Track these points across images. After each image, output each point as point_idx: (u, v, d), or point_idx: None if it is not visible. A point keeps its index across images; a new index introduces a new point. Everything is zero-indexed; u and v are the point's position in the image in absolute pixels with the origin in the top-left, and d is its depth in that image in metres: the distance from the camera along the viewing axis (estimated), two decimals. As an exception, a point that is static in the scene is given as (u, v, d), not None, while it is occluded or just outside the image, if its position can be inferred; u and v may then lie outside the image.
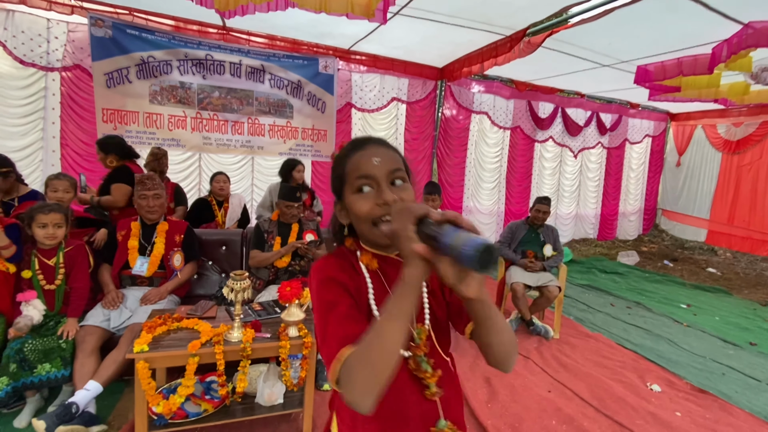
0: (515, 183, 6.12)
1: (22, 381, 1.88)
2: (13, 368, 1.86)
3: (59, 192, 2.44)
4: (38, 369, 1.90)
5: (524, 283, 3.25)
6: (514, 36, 3.92)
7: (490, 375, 2.66)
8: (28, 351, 1.90)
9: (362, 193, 0.74)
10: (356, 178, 0.74)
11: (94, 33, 3.69)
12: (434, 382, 0.76)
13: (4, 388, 1.84)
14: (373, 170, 0.73)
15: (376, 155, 0.74)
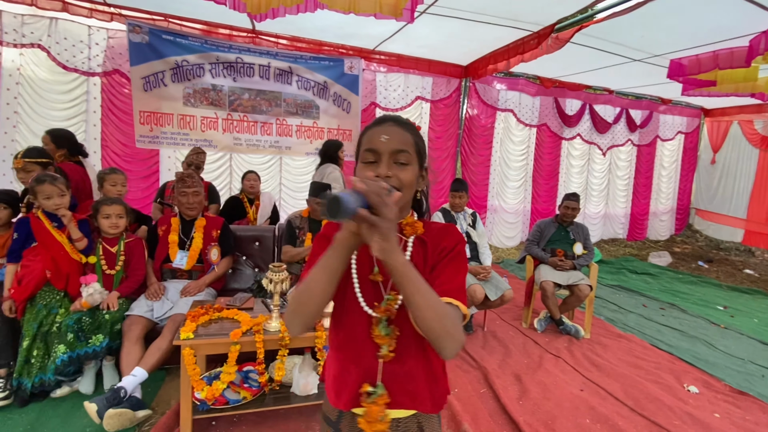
0: (542, 181, 6.02)
1: (77, 351, 2.03)
2: (70, 338, 2.01)
3: (117, 185, 2.61)
4: (93, 339, 2.07)
5: (554, 281, 3.20)
6: (542, 32, 3.88)
7: (520, 372, 2.64)
8: (85, 322, 2.07)
9: (366, 164, 0.82)
10: (364, 151, 0.82)
11: (132, 39, 3.86)
12: (386, 343, 0.81)
13: (61, 356, 1.98)
14: (380, 146, 0.80)
15: (386, 133, 0.81)
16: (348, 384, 0.83)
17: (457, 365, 2.69)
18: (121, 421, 1.78)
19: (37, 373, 1.98)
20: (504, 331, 3.32)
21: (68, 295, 2.14)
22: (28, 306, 2.04)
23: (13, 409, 2.00)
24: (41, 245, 2.07)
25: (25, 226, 2.09)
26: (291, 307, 0.77)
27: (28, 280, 2.04)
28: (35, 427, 1.89)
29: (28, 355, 1.98)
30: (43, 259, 2.07)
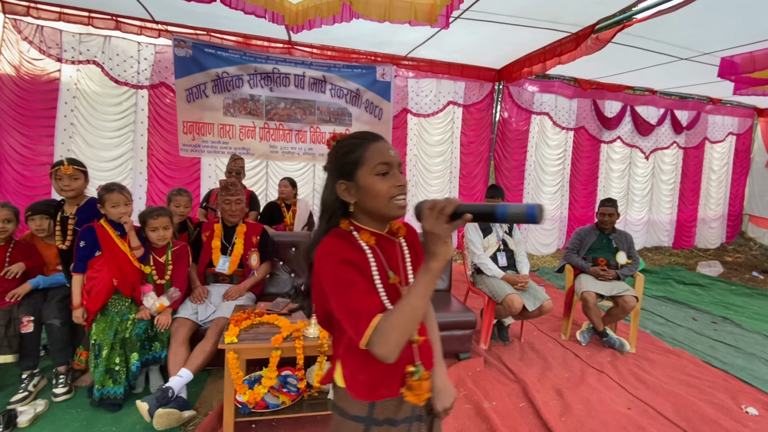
0: (580, 187, 5.81)
1: (146, 357, 2.19)
2: (139, 346, 2.16)
3: (181, 207, 2.76)
4: (154, 346, 2.21)
5: (596, 292, 3.07)
6: (581, 33, 3.76)
7: (562, 387, 2.53)
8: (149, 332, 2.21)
9: (382, 176, 0.89)
10: (379, 164, 0.88)
11: (177, 53, 4.07)
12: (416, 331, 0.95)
13: (135, 363, 2.13)
14: (392, 159, 0.90)
15: (391, 149, 0.92)
16: (387, 376, 0.91)
17: (494, 377, 2.62)
18: (169, 420, 1.86)
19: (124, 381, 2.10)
20: (542, 342, 3.21)
21: (135, 302, 2.25)
22: (98, 316, 2.15)
23: (71, 405, 2.13)
24: (107, 254, 2.17)
25: (90, 235, 2.18)
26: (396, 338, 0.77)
27: (98, 290, 2.14)
28: (91, 422, 2.00)
29: (109, 364, 2.07)
30: (109, 268, 2.17)
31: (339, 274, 0.84)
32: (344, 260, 0.85)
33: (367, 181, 0.88)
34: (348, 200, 0.91)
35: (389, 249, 0.95)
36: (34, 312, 2.20)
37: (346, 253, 0.86)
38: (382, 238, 0.95)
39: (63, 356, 2.23)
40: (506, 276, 2.94)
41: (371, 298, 0.83)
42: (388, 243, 0.95)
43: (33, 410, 2.01)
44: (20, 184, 3.87)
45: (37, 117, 3.90)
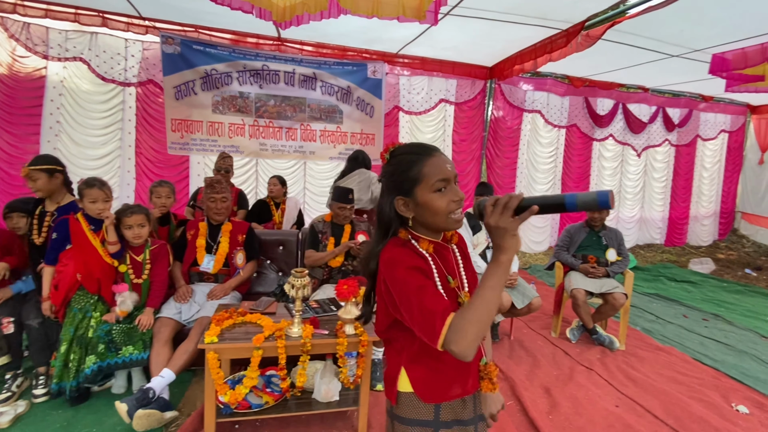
0: (572, 184, 5.81)
1: (107, 362, 2.07)
2: (101, 348, 2.06)
3: (162, 198, 2.70)
4: (123, 351, 2.10)
5: (585, 289, 3.06)
6: (571, 29, 3.74)
7: (550, 385, 2.52)
8: (116, 334, 2.11)
9: (440, 192, 0.91)
10: (437, 180, 0.90)
11: (165, 50, 4.02)
12: None
13: (91, 366, 2.04)
14: (449, 174, 0.92)
15: (448, 163, 0.93)
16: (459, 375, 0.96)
17: (483, 375, 2.61)
18: (149, 421, 1.83)
19: (74, 377, 2.04)
20: (532, 340, 3.20)
21: (102, 299, 2.20)
22: (66, 311, 2.12)
23: (52, 406, 2.10)
24: (75, 247, 2.14)
25: (63, 228, 2.16)
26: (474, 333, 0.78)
27: (62, 284, 2.12)
28: (72, 423, 1.97)
29: (66, 359, 2.04)
30: (75, 263, 2.14)
31: (409, 280, 0.86)
32: (412, 266, 0.88)
33: (425, 198, 0.91)
34: (406, 215, 0.95)
35: (446, 255, 0.99)
36: (13, 313, 2.17)
37: (412, 259, 0.90)
38: (439, 246, 0.99)
39: (42, 357, 2.20)
40: (495, 274, 2.92)
41: (442, 299, 0.85)
42: (444, 250, 1.00)
43: (14, 411, 1.98)
44: (5, 182, 3.81)
45: (23, 115, 3.84)
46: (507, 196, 0.80)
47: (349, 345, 1.85)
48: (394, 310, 0.92)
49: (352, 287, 1.90)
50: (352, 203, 2.78)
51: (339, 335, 1.86)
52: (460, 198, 0.92)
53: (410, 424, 0.96)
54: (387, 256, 0.92)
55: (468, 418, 0.99)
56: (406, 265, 0.88)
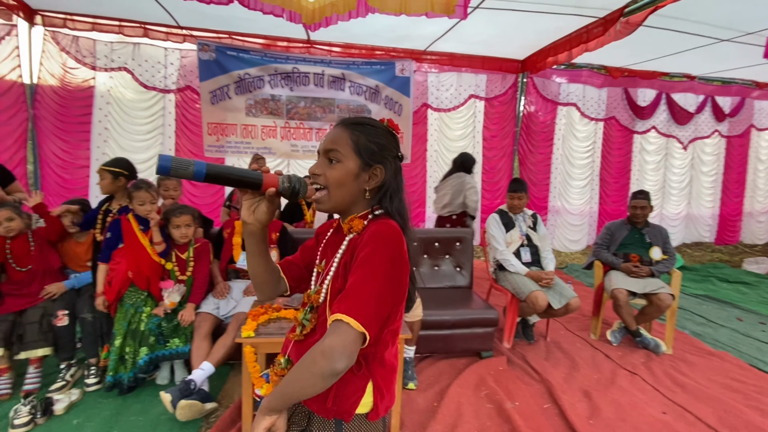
0: (611, 180, 5.54)
1: (157, 353, 2.22)
2: (152, 340, 2.21)
3: (170, 190, 2.83)
4: (170, 343, 2.24)
5: (628, 289, 2.90)
6: (609, 17, 3.57)
7: (590, 389, 2.41)
8: (164, 327, 2.25)
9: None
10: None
11: (201, 57, 4.19)
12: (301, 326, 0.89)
13: (144, 357, 2.18)
14: (319, 147, 0.90)
15: (328, 134, 0.89)
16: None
17: (518, 377, 2.53)
18: (191, 411, 1.90)
19: (131, 368, 2.17)
20: (570, 342, 3.07)
21: (151, 296, 2.33)
22: (118, 306, 2.26)
23: (102, 394, 2.23)
24: (126, 246, 2.28)
25: (116, 227, 2.31)
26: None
27: (115, 281, 2.25)
28: (120, 411, 2.09)
29: (122, 352, 2.18)
30: (126, 261, 2.28)
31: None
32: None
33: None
34: None
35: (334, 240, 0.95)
36: (68, 306, 2.32)
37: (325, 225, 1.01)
38: (336, 228, 0.97)
39: (93, 349, 2.34)
40: (530, 272, 2.84)
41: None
42: (337, 234, 0.95)
43: (68, 399, 2.11)
44: (60, 186, 4.10)
45: (75, 123, 4.12)
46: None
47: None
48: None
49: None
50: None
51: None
52: (312, 173, 0.88)
53: None
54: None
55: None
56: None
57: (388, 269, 0.78)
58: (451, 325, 2.61)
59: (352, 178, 0.86)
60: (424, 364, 2.63)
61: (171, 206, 2.43)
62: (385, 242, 0.80)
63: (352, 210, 0.90)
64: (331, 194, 0.86)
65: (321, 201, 0.87)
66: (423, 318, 2.39)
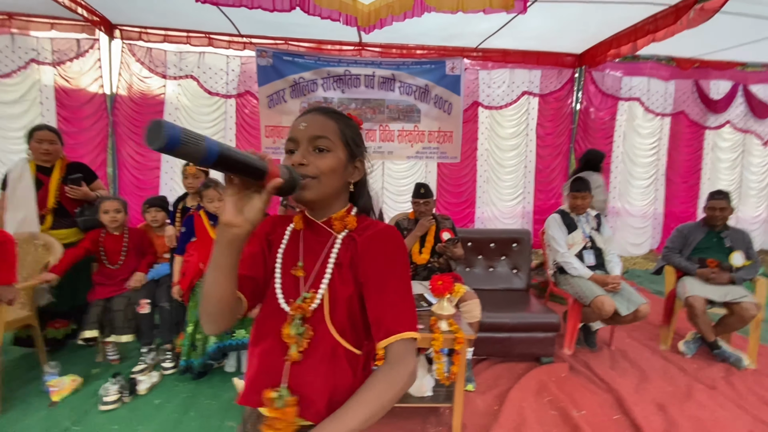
0: (678, 180, 5.14)
1: (225, 342, 2.35)
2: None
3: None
4: (237, 333, 2.36)
5: (705, 297, 2.68)
6: (682, 4, 3.32)
7: (664, 402, 2.25)
8: None
9: (289, 154, 0.79)
10: (287, 140, 0.80)
11: (259, 63, 4.39)
12: (296, 343, 0.74)
13: (213, 346, 2.32)
14: (298, 134, 0.78)
15: (306, 121, 0.78)
16: (253, 380, 0.78)
17: (582, 384, 2.42)
18: (259, 399, 2.00)
19: (201, 355, 2.33)
20: (637, 351, 2.89)
21: None
22: (191, 295, 2.43)
23: (177, 378, 2.41)
24: (199, 240, 2.46)
25: (189, 223, 2.51)
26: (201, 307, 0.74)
27: (188, 272, 2.43)
28: (195, 394, 2.24)
29: (193, 340, 2.34)
30: (198, 253, 2.45)
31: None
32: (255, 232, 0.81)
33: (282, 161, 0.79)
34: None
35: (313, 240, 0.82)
36: (149, 295, 2.52)
37: (261, 226, 0.86)
38: (312, 226, 0.83)
39: (169, 334, 2.53)
40: (595, 276, 2.70)
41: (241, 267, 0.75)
42: (315, 233, 0.83)
43: (149, 380, 2.30)
44: (134, 185, 4.48)
45: (147, 128, 4.47)
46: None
47: (444, 341, 1.84)
48: None
49: (446, 283, 1.89)
50: (426, 198, 2.71)
51: (434, 331, 1.86)
52: (293, 161, 0.75)
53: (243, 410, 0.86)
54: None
55: None
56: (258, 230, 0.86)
57: (407, 272, 0.79)
58: (510, 329, 2.54)
59: (342, 169, 0.81)
60: (480, 367, 2.59)
61: None
62: (400, 246, 0.79)
63: (333, 204, 0.83)
64: (322, 183, 0.77)
65: (309, 187, 0.75)
66: (481, 320, 2.35)
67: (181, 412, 2.08)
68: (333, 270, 0.78)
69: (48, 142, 2.50)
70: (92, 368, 2.49)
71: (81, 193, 2.54)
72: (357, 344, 0.79)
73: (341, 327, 0.77)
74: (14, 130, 4.25)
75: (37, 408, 2.09)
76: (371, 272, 0.76)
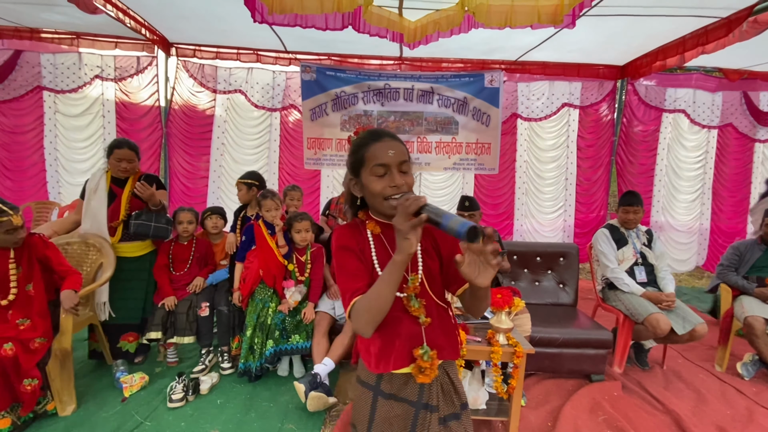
0: (725, 194, 4.97)
1: (281, 347, 2.44)
2: (277, 335, 2.44)
3: (295, 200, 3.15)
4: (292, 338, 2.46)
5: (765, 317, 2.58)
6: (734, 17, 3.25)
7: (725, 425, 2.18)
8: (288, 323, 2.48)
9: (379, 177, 0.95)
10: (375, 165, 0.95)
11: (303, 78, 4.57)
12: (422, 313, 0.97)
13: (270, 349, 2.41)
14: (388, 160, 0.94)
15: (392, 148, 0.95)
16: (393, 352, 0.97)
17: (636, 404, 2.37)
18: (318, 403, 2.07)
19: (258, 358, 2.43)
20: (691, 372, 2.80)
21: (276, 292, 2.59)
22: (249, 301, 2.55)
23: (235, 380, 2.51)
24: (258, 248, 2.58)
25: (250, 232, 2.63)
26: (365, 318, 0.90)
27: (249, 279, 2.55)
28: (253, 396, 2.34)
29: (251, 343, 2.44)
30: (258, 261, 2.57)
31: (337, 259, 0.99)
32: (342, 246, 0.98)
33: (366, 180, 0.97)
34: (356, 194, 1.03)
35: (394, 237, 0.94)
36: (208, 299, 2.66)
37: (346, 240, 1.00)
38: (388, 227, 0.99)
39: (227, 337, 2.66)
40: (647, 293, 2.65)
41: (356, 281, 0.94)
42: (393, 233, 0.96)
43: (210, 381, 2.41)
44: (184, 194, 4.72)
45: (198, 139, 4.73)
46: (413, 197, 0.83)
47: (504, 355, 1.86)
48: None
49: (505, 297, 1.92)
50: (471, 210, 2.72)
51: (493, 344, 1.89)
52: (395, 184, 0.93)
53: (360, 384, 1.07)
54: (332, 234, 1.04)
55: (410, 399, 1.00)
56: (338, 244, 0.99)
57: None
58: (560, 344, 2.53)
59: None
60: (529, 381, 2.57)
61: (293, 213, 2.69)
62: None
63: None
64: None
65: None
66: (530, 334, 2.36)
67: (242, 413, 2.17)
68: (423, 255, 1.02)
69: (127, 161, 2.50)
70: (155, 367, 2.64)
71: (149, 193, 2.45)
72: (443, 299, 1.05)
73: (437, 292, 1.03)
74: (78, 141, 4.60)
75: (111, 404, 2.24)
76: (451, 248, 1.03)
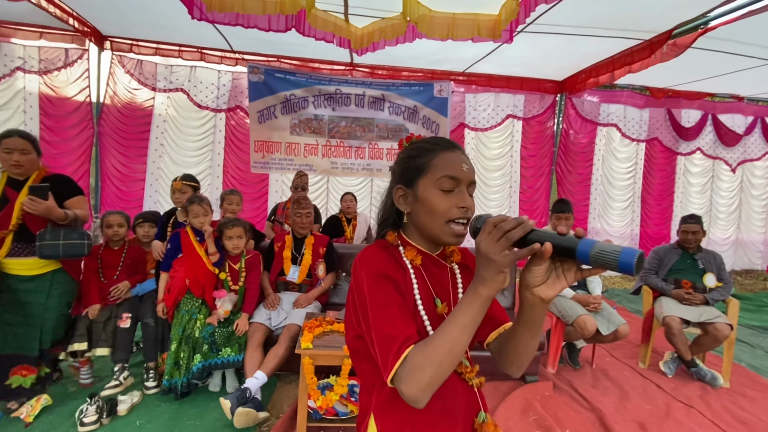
0: (653, 202, 5.39)
1: (210, 361, 2.28)
2: (205, 348, 2.28)
3: (233, 205, 2.97)
4: (223, 352, 2.30)
5: (681, 317, 2.80)
6: (656, 39, 3.55)
7: (644, 420, 2.32)
8: (218, 336, 2.32)
9: (445, 192, 0.75)
10: (444, 176, 0.75)
11: (251, 79, 4.43)
12: (473, 374, 0.80)
13: (197, 364, 2.25)
14: (461, 175, 0.76)
15: (465, 162, 0.78)
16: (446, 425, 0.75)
17: (565, 403, 2.47)
18: (247, 419, 1.97)
19: (184, 374, 2.26)
20: (617, 370, 2.97)
21: (205, 303, 2.44)
22: (175, 312, 2.38)
23: (160, 398, 2.33)
24: (185, 256, 2.42)
25: (175, 239, 2.47)
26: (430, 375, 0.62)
27: (174, 288, 2.38)
28: (178, 415, 2.17)
29: (177, 358, 2.27)
30: (185, 269, 2.41)
31: (374, 291, 0.71)
32: (382, 274, 0.72)
33: (426, 192, 0.76)
34: (402, 208, 0.80)
35: (438, 274, 0.81)
36: (131, 310, 2.46)
37: (384, 266, 0.74)
38: (431, 260, 0.82)
39: (153, 353, 2.45)
40: (577, 296, 2.79)
41: (406, 325, 0.68)
42: (437, 266, 0.82)
43: (130, 400, 2.22)
44: (117, 197, 4.39)
45: (134, 140, 4.43)
46: (514, 220, 0.61)
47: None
48: (357, 324, 0.75)
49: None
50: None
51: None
52: (466, 205, 0.74)
53: None
54: (361, 255, 0.76)
55: None
56: (376, 271, 0.72)
57: None
58: (496, 347, 2.58)
59: None
60: (467, 385, 2.60)
61: (225, 219, 2.57)
62: None
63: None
64: None
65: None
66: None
67: (163, 434, 2.02)
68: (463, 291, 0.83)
69: (19, 151, 2.01)
70: (69, 387, 2.40)
71: (42, 208, 1.93)
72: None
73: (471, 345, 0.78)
74: (-6, 138, 4.15)
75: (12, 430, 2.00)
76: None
